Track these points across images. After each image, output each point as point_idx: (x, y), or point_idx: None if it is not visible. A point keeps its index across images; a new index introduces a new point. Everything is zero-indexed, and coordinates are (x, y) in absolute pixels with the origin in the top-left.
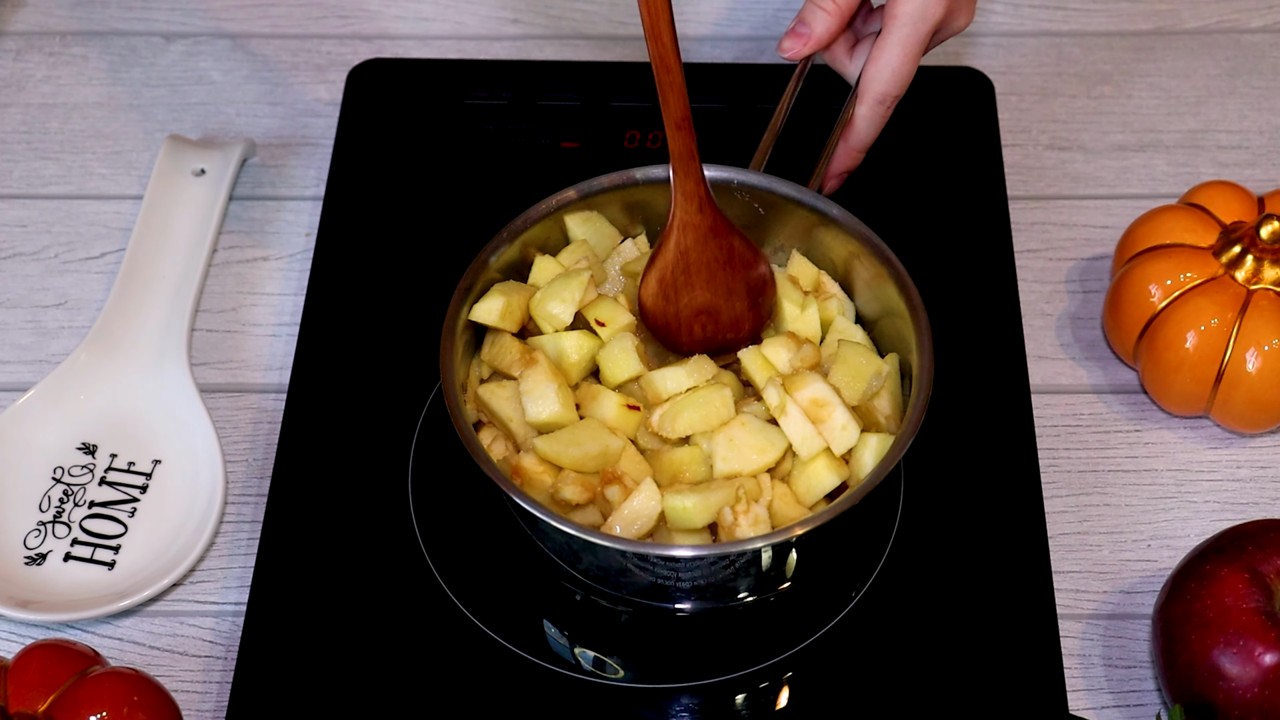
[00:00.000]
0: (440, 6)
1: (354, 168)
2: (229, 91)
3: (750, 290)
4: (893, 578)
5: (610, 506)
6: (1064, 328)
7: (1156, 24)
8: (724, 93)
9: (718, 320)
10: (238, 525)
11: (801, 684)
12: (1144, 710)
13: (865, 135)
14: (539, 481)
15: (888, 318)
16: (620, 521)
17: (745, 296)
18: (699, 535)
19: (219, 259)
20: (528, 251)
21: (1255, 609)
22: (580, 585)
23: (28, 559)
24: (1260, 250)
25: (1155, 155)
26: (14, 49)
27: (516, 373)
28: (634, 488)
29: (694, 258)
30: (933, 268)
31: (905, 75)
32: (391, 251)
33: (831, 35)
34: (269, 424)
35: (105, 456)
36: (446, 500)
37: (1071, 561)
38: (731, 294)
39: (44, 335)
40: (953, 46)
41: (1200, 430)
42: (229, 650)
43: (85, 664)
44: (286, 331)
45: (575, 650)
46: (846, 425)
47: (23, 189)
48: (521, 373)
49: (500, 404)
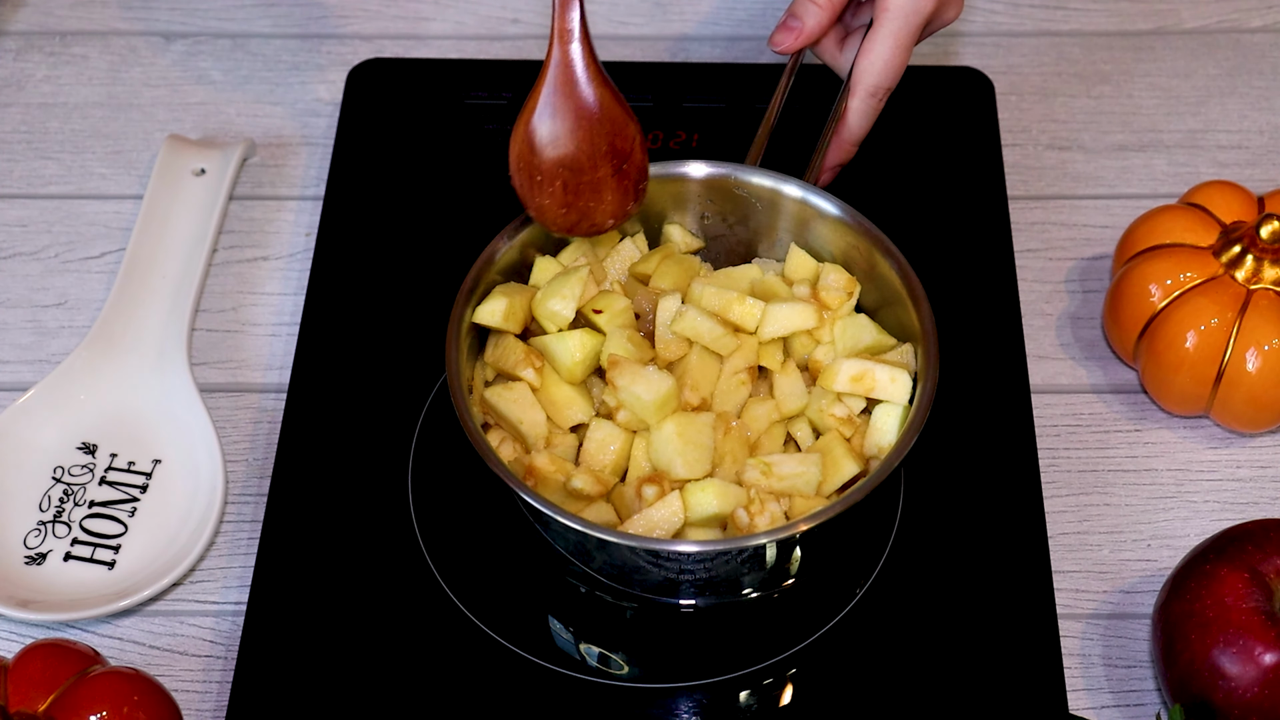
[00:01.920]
0: (440, 6)
1: (354, 168)
2: (229, 91)
3: (615, 152)
4: (892, 578)
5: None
6: (1064, 328)
7: (1156, 24)
8: (723, 92)
9: (579, 179)
10: (238, 525)
11: (803, 682)
12: (1144, 710)
13: (858, 128)
14: (553, 481)
15: (888, 307)
16: (641, 525)
17: (609, 158)
18: (712, 529)
19: (219, 259)
20: (528, 252)
21: (1255, 609)
22: (585, 581)
23: (28, 559)
24: (1260, 250)
25: (1155, 155)
26: (14, 49)
27: (521, 373)
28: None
29: (559, 102)
30: (933, 268)
31: (897, 68)
32: (391, 251)
33: (822, 29)
34: (269, 424)
35: (105, 456)
36: (447, 500)
37: (1071, 561)
38: (595, 151)
39: (44, 335)
40: (953, 46)
41: (1200, 430)
42: (229, 650)
43: (85, 664)
44: (286, 331)
45: (580, 646)
46: (894, 377)
47: (23, 189)
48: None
49: (509, 406)
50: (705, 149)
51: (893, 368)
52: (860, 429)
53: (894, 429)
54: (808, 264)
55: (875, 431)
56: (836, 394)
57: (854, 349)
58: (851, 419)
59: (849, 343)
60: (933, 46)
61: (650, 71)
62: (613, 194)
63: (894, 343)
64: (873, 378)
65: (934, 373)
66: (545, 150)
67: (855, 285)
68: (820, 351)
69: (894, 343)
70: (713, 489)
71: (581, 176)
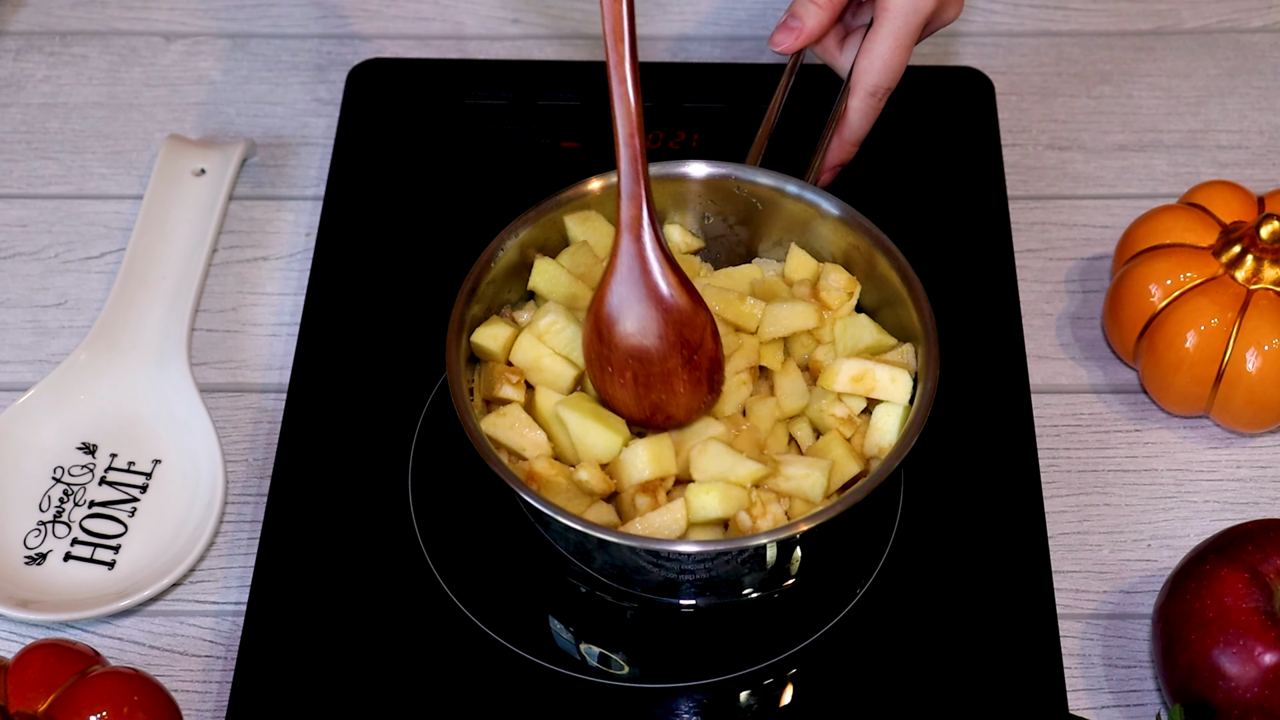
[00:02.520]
0: (440, 6)
1: (354, 168)
2: (229, 91)
3: (684, 343)
4: (892, 578)
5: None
6: (1064, 328)
7: (1156, 24)
8: (723, 92)
9: (649, 370)
10: (238, 525)
11: (804, 682)
12: (1144, 710)
13: (858, 128)
14: (554, 484)
15: (888, 307)
16: (642, 526)
17: (678, 349)
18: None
19: (219, 259)
20: (528, 252)
21: (1255, 609)
22: (585, 581)
23: (28, 559)
24: (1260, 250)
25: (1155, 155)
26: (14, 49)
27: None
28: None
29: (626, 293)
30: (933, 268)
31: (897, 67)
32: (391, 251)
33: (822, 29)
34: (269, 424)
35: (105, 456)
36: (447, 500)
37: (1071, 561)
38: (663, 343)
39: (44, 335)
40: (953, 46)
41: (1200, 430)
42: (229, 650)
43: (85, 664)
44: (286, 331)
45: (580, 646)
46: (895, 376)
47: (23, 189)
48: None
49: (506, 433)
50: (705, 149)
51: (893, 367)
52: (861, 429)
53: (894, 429)
54: (808, 264)
55: (876, 431)
56: (837, 394)
57: (854, 349)
58: (852, 419)
59: (849, 343)
60: (933, 46)
61: (650, 71)
62: (684, 385)
63: (894, 343)
64: (873, 378)
65: (934, 372)
66: (614, 341)
67: (856, 285)
68: (821, 351)
69: (894, 343)
70: (715, 491)
71: (651, 368)
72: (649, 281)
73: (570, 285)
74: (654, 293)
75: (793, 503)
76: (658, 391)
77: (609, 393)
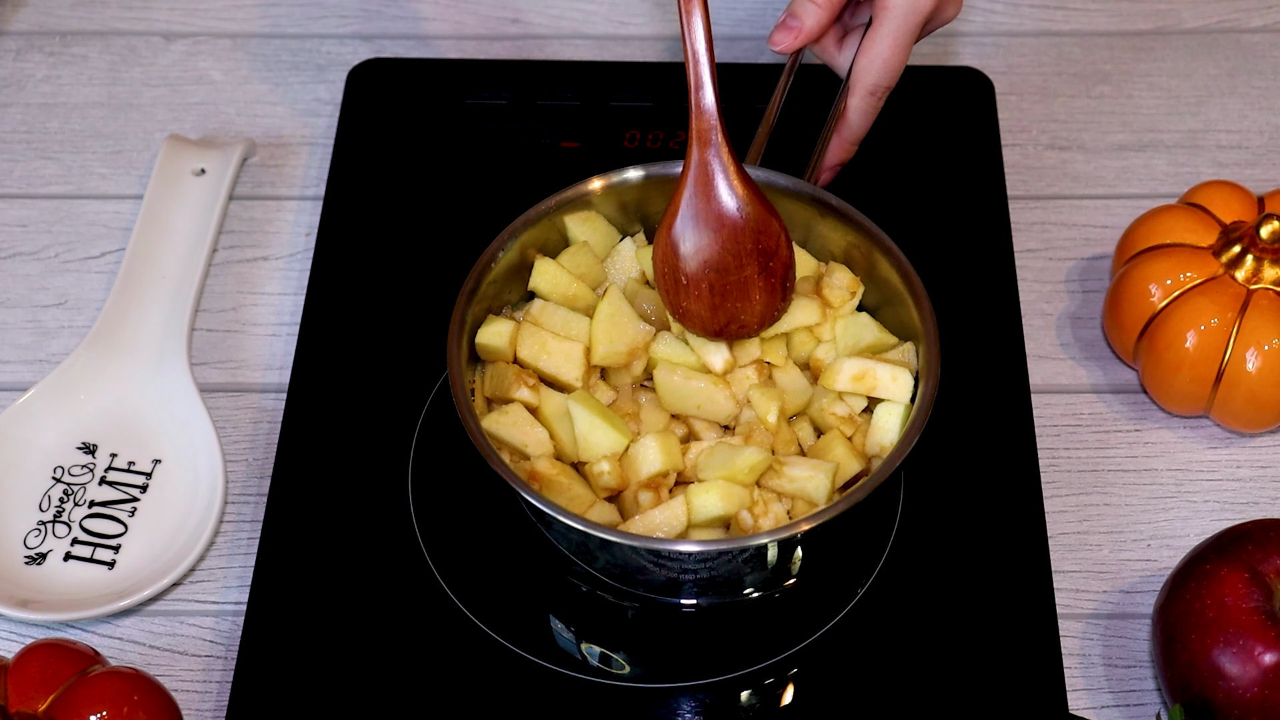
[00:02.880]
0: (440, 6)
1: (354, 168)
2: (229, 91)
3: (761, 251)
4: (892, 578)
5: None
6: (1064, 327)
7: (1156, 24)
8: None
9: (725, 280)
10: (238, 525)
11: (804, 682)
12: (1144, 710)
13: (858, 127)
14: (557, 484)
15: (889, 306)
16: (644, 525)
17: (754, 257)
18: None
19: (219, 259)
20: (528, 253)
21: (1255, 609)
22: (586, 581)
23: (28, 558)
24: (1260, 250)
25: (1155, 155)
26: (14, 49)
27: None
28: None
29: (702, 205)
30: (933, 268)
31: (896, 66)
32: (391, 251)
33: (821, 28)
34: (269, 424)
35: (105, 456)
36: (447, 500)
37: (1071, 561)
38: (740, 250)
39: (44, 335)
40: (953, 46)
41: (1200, 430)
42: (229, 650)
43: (85, 663)
44: (286, 331)
45: (581, 646)
46: (896, 375)
47: (23, 189)
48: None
49: (509, 431)
50: None
51: (894, 366)
52: (861, 428)
53: (896, 428)
54: (808, 263)
55: (877, 430)
56: (838, 393)
57: (855, 348)
58: (853, 418)
59: (850, 342)
60: (933, 46)
61: (650, 71)
62: (760, 293)
63: (895, 341)
64: (874, 376)
65: (935, 371)
66: (690, 254)
67: (859, 285)
68: (822, 350)
69: (895, 341)
70: (717, 491)
71: (728, 277)
72: (724, 191)
73: (570, 285)
74: (729, 202)
75: (795, 503)
76: (733, 300)
77: (683, 307)
